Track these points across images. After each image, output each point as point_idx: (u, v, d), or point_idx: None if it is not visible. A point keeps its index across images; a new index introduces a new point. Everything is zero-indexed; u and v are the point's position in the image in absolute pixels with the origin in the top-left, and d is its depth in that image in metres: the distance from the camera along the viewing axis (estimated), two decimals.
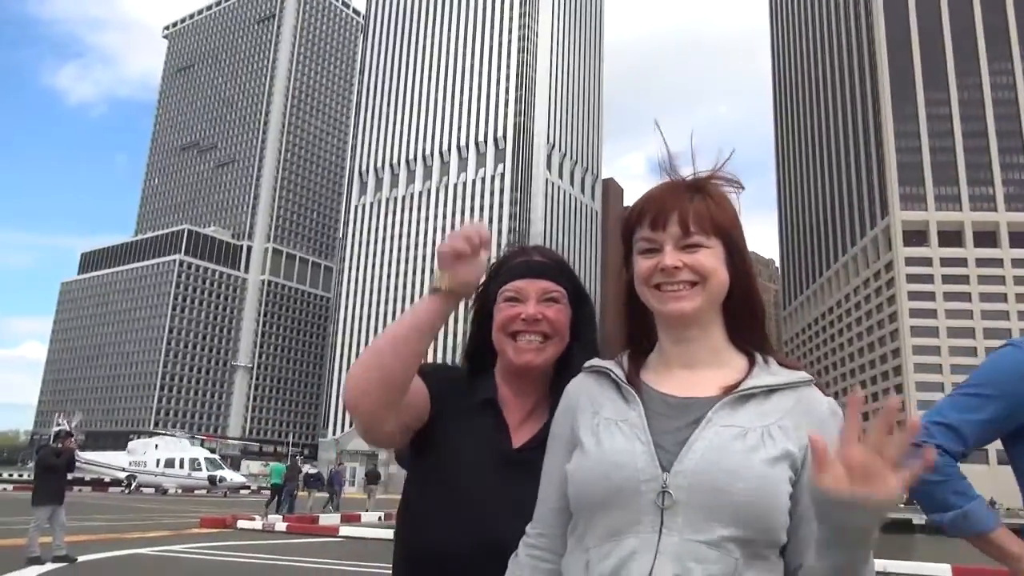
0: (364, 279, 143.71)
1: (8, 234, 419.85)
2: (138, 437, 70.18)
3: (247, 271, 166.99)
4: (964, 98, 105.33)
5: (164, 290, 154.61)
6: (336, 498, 24.39)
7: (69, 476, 11.00)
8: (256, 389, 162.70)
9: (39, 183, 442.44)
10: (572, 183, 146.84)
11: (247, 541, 13.78)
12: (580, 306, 1.51)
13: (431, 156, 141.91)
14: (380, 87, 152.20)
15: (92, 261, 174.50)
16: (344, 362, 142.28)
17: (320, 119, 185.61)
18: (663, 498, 1.01)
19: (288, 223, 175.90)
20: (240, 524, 16.65)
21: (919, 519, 34.90)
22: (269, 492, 24.31)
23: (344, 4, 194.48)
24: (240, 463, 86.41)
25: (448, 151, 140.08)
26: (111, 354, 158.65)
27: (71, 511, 10.75)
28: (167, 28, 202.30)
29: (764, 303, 1.22)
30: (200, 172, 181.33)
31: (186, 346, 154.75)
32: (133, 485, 41.58)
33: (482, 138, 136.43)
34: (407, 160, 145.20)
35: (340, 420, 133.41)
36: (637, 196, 1.20)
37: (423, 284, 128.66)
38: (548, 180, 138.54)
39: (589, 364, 1.22)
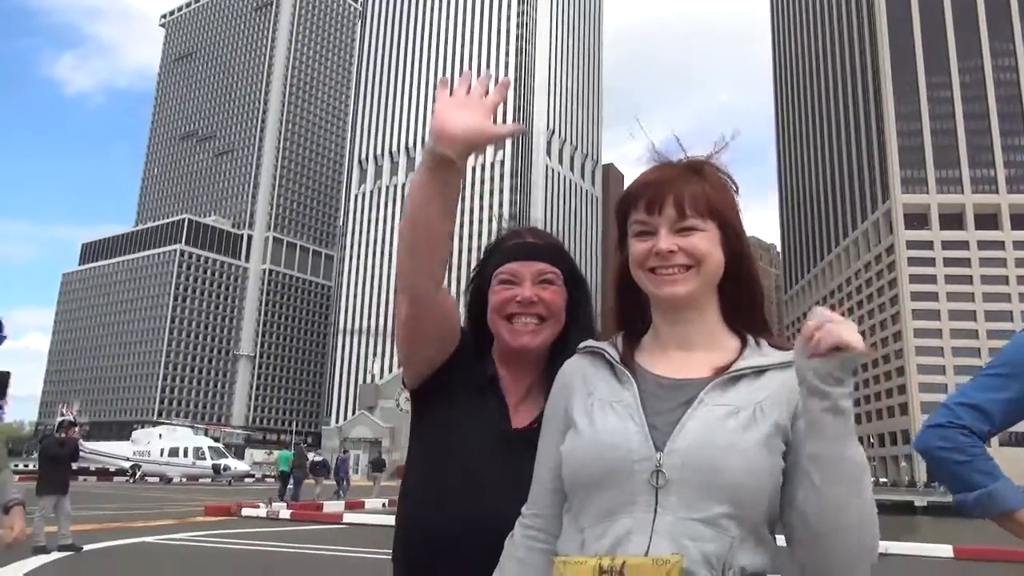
0: (365, 267, 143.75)
1: (8, 224, 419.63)
2: (142, 427, 70.53)
3: (248, 260, 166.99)
4: (965, 80, 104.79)
5: (165, 280, 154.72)
6: (345, 484, 24.59)
7: (74, 466, 11.03)
8: (258, 378, 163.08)
9: (39, 174, 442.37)
10: (572, 169, 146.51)
11: (251, 529, 13.82)
12: (576, 288, 1.50)
13: None
14: (379, 74, 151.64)
15: (93, 252, 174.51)
16: (345, 350, 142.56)
17: (319, 107, 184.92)
18: (657, 477, 1.02)
19: (288, 211, 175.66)
20: (244, 512, 16.68)
21: (920, 501, 35.11)
22: (276, 479, 24.36)
23: None
24: (244, 451, 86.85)
25: None
26: (113, 344, 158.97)
27: (76, 500, 10.78)
28: (164, 17, 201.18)
29: (764, 287, 1.22)
30: (200, 161, 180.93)
31: (188, 335, 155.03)
32: (138, 474, 41.80)
33: None
34: (407, 147, 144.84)
35: (343, 407, 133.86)
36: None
37: None
38: (548, 166, 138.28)
39: (584, 345, 1.23)
